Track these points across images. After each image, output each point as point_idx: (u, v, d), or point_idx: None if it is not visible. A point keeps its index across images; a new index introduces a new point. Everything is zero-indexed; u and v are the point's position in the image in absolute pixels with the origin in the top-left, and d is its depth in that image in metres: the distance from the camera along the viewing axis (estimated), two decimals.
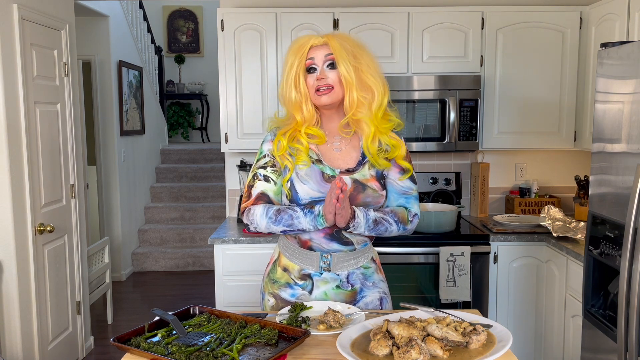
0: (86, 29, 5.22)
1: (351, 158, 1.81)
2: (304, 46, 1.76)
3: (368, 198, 1.77)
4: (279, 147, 1.80)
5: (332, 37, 1.76)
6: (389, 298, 1.95)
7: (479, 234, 3.09)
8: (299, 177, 1.77)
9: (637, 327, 1.95)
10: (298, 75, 1.75)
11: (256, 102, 3.28)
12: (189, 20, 8.43)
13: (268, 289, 1.92)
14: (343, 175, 1.77)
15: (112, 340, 1.49)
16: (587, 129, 3.14)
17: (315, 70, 1.76)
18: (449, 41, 3.24)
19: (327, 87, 1.74)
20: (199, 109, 8.34)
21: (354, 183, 1.76)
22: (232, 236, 3.07)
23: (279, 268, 1.90)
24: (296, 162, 1.77)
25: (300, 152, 1.78)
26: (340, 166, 1.79)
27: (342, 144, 1.83)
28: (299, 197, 1.76)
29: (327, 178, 1.76)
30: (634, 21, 2.63)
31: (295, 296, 1.86)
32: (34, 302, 3.10)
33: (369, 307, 1.87)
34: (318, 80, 1.74)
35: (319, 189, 1.75)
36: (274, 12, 3.23)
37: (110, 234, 5.52)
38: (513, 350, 2.98)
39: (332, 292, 1.84)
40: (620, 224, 2.07)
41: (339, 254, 1.82)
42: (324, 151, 1.81)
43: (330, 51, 1.74)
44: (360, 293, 1.87)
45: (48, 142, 3.29)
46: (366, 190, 1.77)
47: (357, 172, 1.78)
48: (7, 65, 2.88)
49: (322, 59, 1.74)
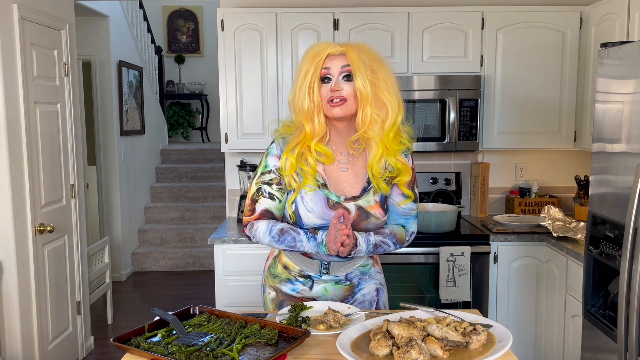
0: (86, 29, 5.22)
1: (357, 182, 1.78)
2: (321, 54, 1.70)
3: (370, 225, 1.79)
4: (287, 167, 1.75)
5: (351, 48, 1.69)
6: (385, 288, 1.98)
7: (479, 234, 3.09)
8: (303, 203, 1.75)
9: (637, 327, 1.95)
10: (312, 84, 1.69)
11: (256, 102, 3.28)
12: (189, 20, 8.43)
13: (269, 283, 1.94)
14: (347, 202, 1.76)
15: (112, 340, 1.49)
16: (587, 129, 3.14)
17: (330, 81, 1.70)
18: (449, 41, 3.24)
19: (341, 99, 1.68)
20: (199, 109, 8.34)
21: (358, 210, 1.76)
22: (232, 236, 3.07)
23: (280, 264, 1.91)
24: (302, 185, 1.74)
25: (308, 175, 1.74)
26: (345, 192, 1.77)
27: (349, 163, 1.79)
28: (302, 223, 1.76)
29: (332, 205, 1.75)
30: (634, 21, 2.63)
31: (295, 290, 1.88)
32: (34, 302, 3.10)
33: (366, 298, 1.90)
34: (332, 92, 1.68)
35: (323, 216, 1.75)
36: (274, 12, 3.23)
37: (110, 234, 5.52)
38: (513, 350, 2.98)
39: (332, 287, 1.87)
40: (620, 224, 2.07)
41: (338, 262, 1.86)
42: (330, 172, 1.78)
43: (348, 62, 1.68)
44: (358, 286, 1.91)
45: (48, 142, 3.29)
46: (369, 218, 1.78)
47: (361, 199, 1.77)
48: (7, 65, 2.88)
49: (339, 69, 1.69)
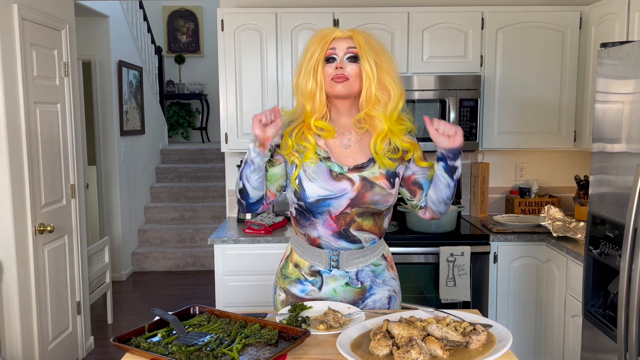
0: (86, 29, 5.22)
1: (361, 156, 1.79)
2: (328, 37, 1.74)
3: (376, 196, 1.76)
4: (286, 146, 1.78)
5: (358, 33, 1.75)
6: (399, 296, 1.94)
7: (479, 234, 3.09)
8: (306, 175, 1.75)
9: (637, 327, 1.95)
10: (317, 64, 1.73)
11: (256, 102, 3.28)
12: (189, 20, 8.43)
13: (280, 284, 1.93)
14: (351, 172, 1.76)
15: (112, 340, 1.49)
16: (587, 129, 3.14)
17: (335, 60, 1.73)
18: (449, 41, 3.24)
19: (344, 77, 1.72)
20: (199, 109, 8.34)
21: (362, 181, 1.75)
22: (232, 236, 3.07)
23: (291, 264, 1.90)
24: (304, 159, 1.76)
25: (308, 150, 1.76)
26: (349, 163, 1.77)
27: (352, 141, 1.80)
28: (306, 195, 1.75)
29: (335, 176, 1.75)
30: (634, 21, 2.63)
31: (305, 292, 1.86)
32: (34, 302, 3.11)
33: (376, 305, 1.86)
34: (336, 69, 1.72)
35: (327, 186, 1.74)
36: (274, 12, 3.23)
37: (110, 234, 5.52)
38: (513, 350, 2.97)
39: (342, 289, 1.84)
40: (620, 224, 2.07)
41: (348, 252, 1.82)
42: (332, 147, 1.79)
43: (353, 44, 1.72)
44: (370, 290, 1.86)
45: (48, 142, 3.29)
46: (374, 189, 1.75)
47: (366, 170, 1.76)
48: (7, 65, 2.88)
49: (344, 50, 1.73)
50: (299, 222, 1.84)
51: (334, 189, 1.74)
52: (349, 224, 1.78)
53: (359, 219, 1.78)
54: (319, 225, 1.79)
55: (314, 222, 1.79)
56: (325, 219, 1.78)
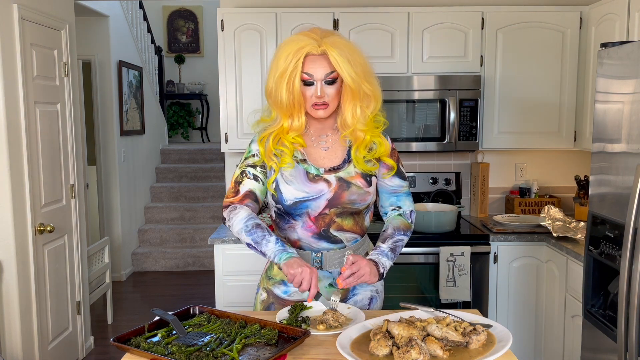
0: (86, 29, 5.22)
1: (337, 157, 1.80)
2: (300, 52, 1.68)
3: (353, 195, 1.77)
4: (266, 149, 1.78)
5: (330, 47, 1.68)
6: (381, 297, 1.94)
7: (479, 234, 3.09)
8: (283, 178, 1.77)
9: (637, 327, 1.95)
10: (292, 81, 1.69)
11: (256, 102, 3.28)
12: (189, 20, 8.43)
13: (263, 284, 1.94)
14: (327, 174, 1.77)
15: (112, 340, 1.49)
16: (587, 129, 3.14)
17: (313, 84, 1.71)
18: (449, 41, 3.24)
19: (325, 105, 1.72)
20: (199, 109, 8.34)
21: (339, 181, 1.76)
22: (232, 236, 3.07)
23: (276, 266, 1.90)
24: (280, 164, 1.76)
25: (285, 154, 1.76)
26: (326, 165, 1.79)
27: (329, 142, 1.82)
28: (283, 198, 1.76)
29: (312, 177, 1.76)
30: (634, 21, 2.63)
31: (287, 293, 1.87)
32: (34, 302, 3.10)
33: (357, 306, 1.86)
34: (317, 97, 1.71)
35: (304, 188, 1.75)
36: (273, 12, 3.23)
37: (110, 234, 5.52)
38: (513, 350, 2.98)
39: (325, 290, 1.83)
40: (620, 224, 2.07)
41: (330, 252, 1.83)
42: (309, 150, 1.81)
43: (330, 66, 1.69)
44: (352, 291, 1.88)
45: (48, 142, 3.29)
46: (351, 188, 1.77)
47: (342, 170, 1.78)
48: (7, 65, 2.88)
49: (322, 76, 1.69)
50: (279, 225, 1.86)
51: (310, 191, 1.75)
52: (328, 225, 1.79)
53: (339, 219, 1.79)
54: (298, 228, 1.80)
55: (293, 225, 1.80)
56: (304, 220, 1.79)
